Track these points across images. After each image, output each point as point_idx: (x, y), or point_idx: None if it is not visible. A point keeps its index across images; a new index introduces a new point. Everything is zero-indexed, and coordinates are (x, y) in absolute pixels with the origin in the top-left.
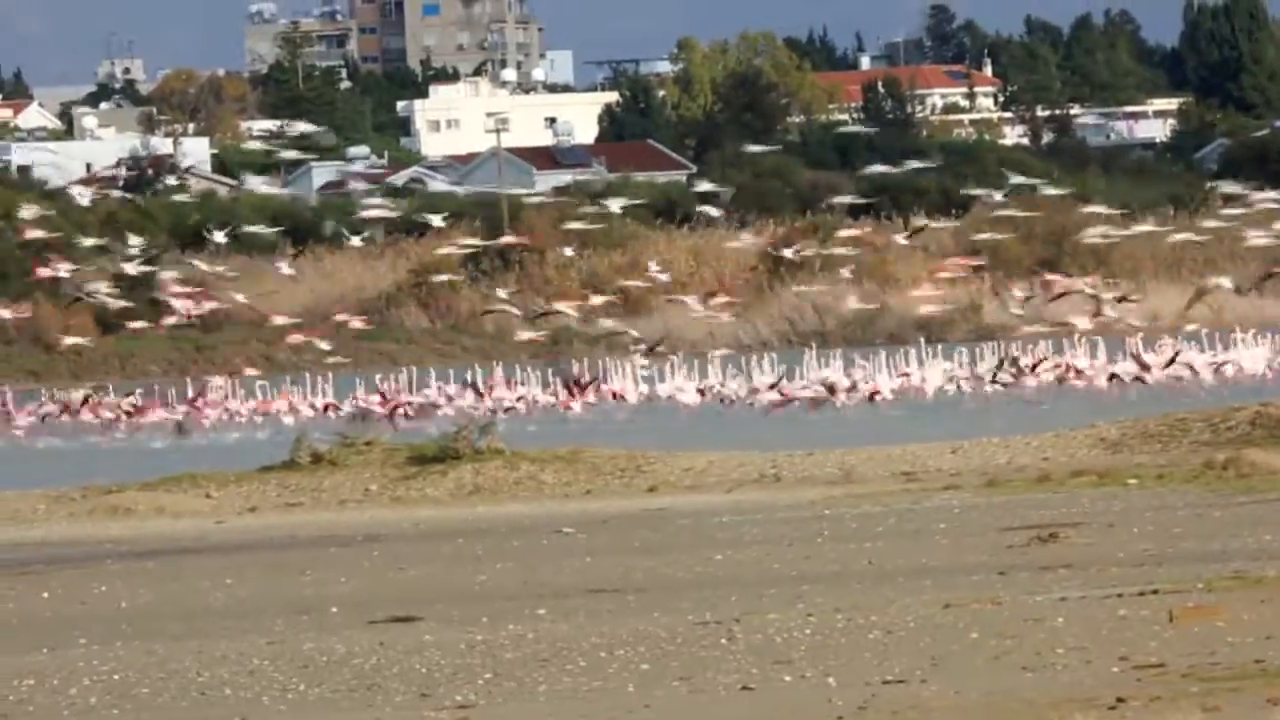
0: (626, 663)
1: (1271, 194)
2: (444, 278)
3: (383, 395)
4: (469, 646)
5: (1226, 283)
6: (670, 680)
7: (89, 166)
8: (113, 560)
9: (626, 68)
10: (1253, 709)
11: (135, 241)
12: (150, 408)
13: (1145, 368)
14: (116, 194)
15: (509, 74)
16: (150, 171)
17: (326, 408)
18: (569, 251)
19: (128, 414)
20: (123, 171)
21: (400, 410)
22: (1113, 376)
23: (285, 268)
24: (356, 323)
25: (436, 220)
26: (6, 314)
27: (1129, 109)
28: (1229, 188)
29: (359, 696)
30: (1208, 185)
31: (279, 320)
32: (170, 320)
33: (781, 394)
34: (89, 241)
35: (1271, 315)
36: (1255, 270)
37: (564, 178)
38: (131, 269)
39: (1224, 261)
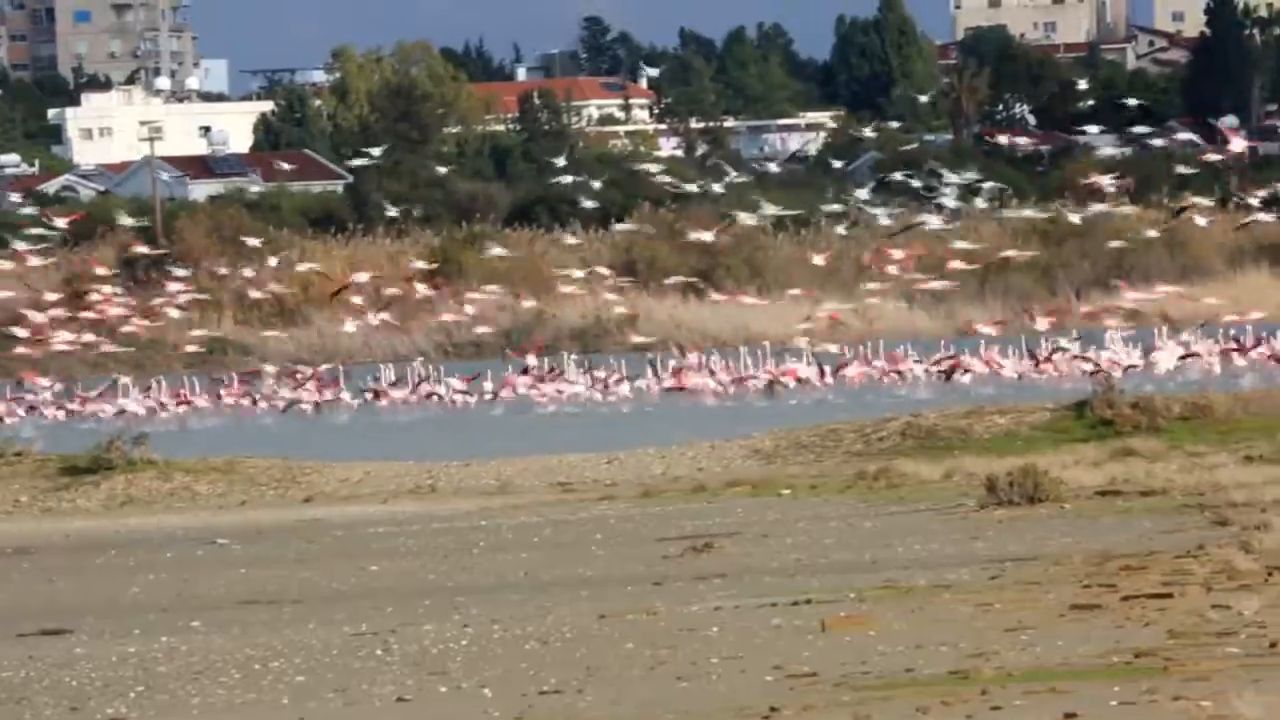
0: (281, 675)
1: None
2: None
3: None
4: (121, 659)
5: None
6: (325, 692)
7: None
8: None
9: (282, 77)
10: (903, 717)
11: None
12: None
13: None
14: None
15: (163, 82)
16: None
17: None
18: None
19: None
20: None
21: None
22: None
23: None
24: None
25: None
26: None
27: (782, 121)
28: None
29: (7, 710)
30: (853, 199)
31: None
32: None
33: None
34: None
35: (923, 327)
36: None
37: (218, 187)
38: None
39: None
